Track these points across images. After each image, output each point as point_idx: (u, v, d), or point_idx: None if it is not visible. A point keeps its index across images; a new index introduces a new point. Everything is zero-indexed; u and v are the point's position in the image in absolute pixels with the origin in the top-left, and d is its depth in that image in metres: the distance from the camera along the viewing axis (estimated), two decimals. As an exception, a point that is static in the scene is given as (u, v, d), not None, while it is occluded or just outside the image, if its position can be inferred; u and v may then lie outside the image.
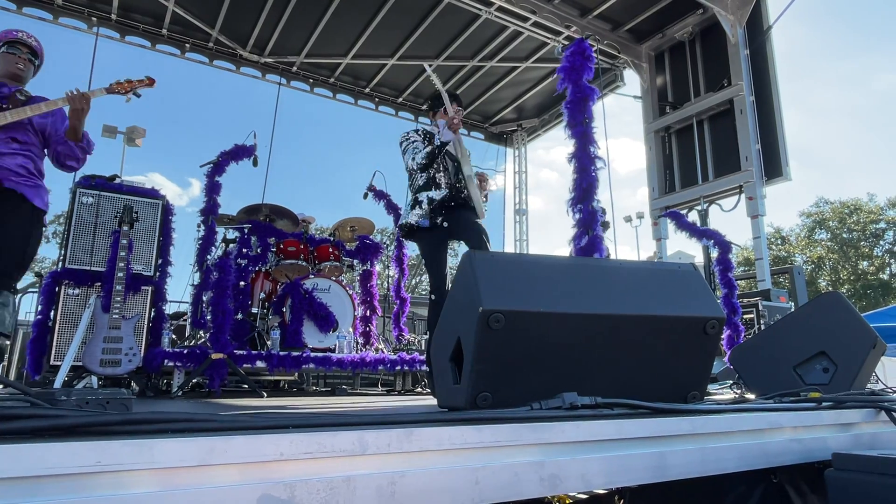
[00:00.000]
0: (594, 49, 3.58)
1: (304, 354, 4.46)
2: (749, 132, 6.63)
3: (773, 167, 6.56)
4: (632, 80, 8.33)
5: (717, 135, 7.19)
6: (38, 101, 2.98)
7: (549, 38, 7.50)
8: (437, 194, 3.50)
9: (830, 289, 30.47)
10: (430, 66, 3.36)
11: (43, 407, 0.93)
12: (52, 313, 4.00)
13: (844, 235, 32.34)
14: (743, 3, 6.79)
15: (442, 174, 3.58)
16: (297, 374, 5.57)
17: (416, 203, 3.52)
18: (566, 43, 3.74)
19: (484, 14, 7.03)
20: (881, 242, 32.04)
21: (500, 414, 1.27)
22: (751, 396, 2.52)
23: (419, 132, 3.68)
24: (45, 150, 3.11)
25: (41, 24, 6.68)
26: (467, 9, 6.97)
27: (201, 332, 4.98)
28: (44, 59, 3.23)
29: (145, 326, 4.13)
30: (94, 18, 6.94)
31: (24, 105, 2.91)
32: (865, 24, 54.29)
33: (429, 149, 3.46)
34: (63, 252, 4.10)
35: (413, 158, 3.52)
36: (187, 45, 7.59)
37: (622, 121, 54.75)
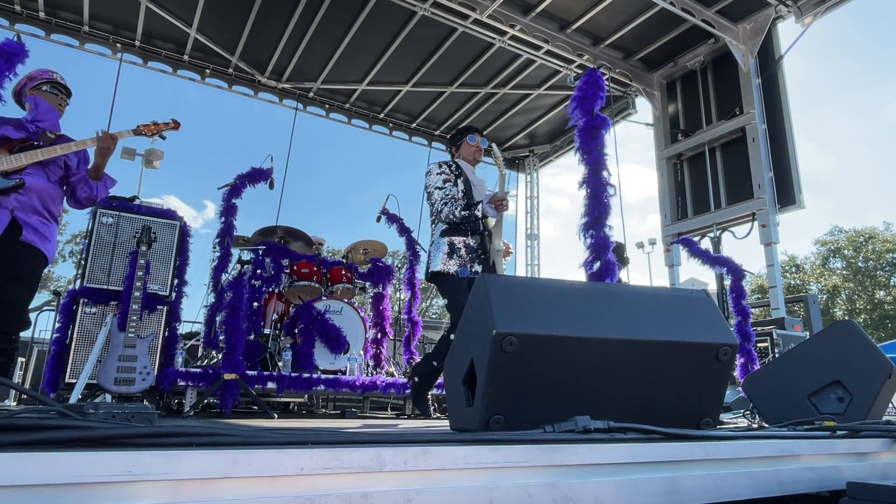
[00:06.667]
0: (606, 77, 3.64)
1: (315, 376, 4.47)
2: (762, 160, 6.65)
3: (787, 195, 6.56)
4: (644, 108, 8.43)
5: (729, 162, 7.21)
6: (66, 141, 3.15)
7: (561, 66, 7.62)
8: (473, 241, 3.54)
9: (846, 318, 29.97)
10: (492, 145, 3.65)
11: (73, 418, 0.97)
12: (69, 331, 4.06)
13: (860, 264, 31.88)
14: (754, 33, 6.87)
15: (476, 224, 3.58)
16: (306, 396, 5.57)
17: (452, 250, 3.51)
18: (579, 71, 3.79)
19: (497, 43, 7.17)
20: (898, 272, 31.56)
21: (513, 436, 1.29)
22: (765, 425, 2.49)
23: (450, 166, 3.67)
24: (64, 187, 3.24)
25: (67, 50, 6.91)
26: (481, 38, 7.12)
27: (214, 352, 5.01)
28: None
29: (159, 346, 4.18)
30: (118, 45, 7.17)
31: (53, 143, 3.09)
32: (874, 56, 54.49)
33: (467, 213, 3.47)
34: (81, 271, 4.16)
35: (447, 205, 3.49)
36: (207, 71, 7.81)
37: (630, 148, 55.03)
